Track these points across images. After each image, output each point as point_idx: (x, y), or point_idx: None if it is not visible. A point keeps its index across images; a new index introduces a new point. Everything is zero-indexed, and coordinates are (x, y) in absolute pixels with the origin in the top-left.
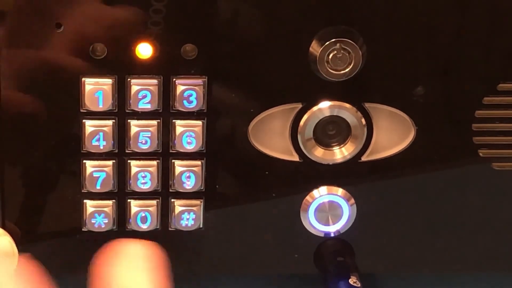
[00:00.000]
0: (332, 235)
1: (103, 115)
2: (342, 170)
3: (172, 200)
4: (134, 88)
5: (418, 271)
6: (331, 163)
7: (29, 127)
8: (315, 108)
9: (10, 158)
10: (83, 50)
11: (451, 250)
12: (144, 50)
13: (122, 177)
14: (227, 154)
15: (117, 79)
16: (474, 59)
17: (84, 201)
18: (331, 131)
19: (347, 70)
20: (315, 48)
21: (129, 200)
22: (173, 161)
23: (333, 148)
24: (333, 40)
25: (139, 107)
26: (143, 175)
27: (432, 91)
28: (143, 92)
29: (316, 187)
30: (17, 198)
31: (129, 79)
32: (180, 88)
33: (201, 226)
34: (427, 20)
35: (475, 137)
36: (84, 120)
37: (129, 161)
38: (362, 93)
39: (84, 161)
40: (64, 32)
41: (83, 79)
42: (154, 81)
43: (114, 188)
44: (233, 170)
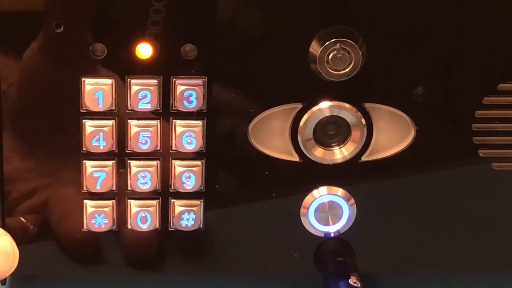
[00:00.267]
0: (332, 235)
1: (103, 115)
2: (342, 170)
3: (172, 200)
4: (134, 88)
5: (418, 271)
6: (331, 163)
7: (29, 127)
8: (315, 108)
9: (10, 158)
10: (83, 50)
11: (451, 250)
12: (144, 50)
13: (122, 177)
14: (227, 154)
15: (117, 79)
16: (474, 59)
17: (84, 201)
18: (331, 131)
19: (347, 70)
20: (315, 48)
21: (129, 200)
22: (173, 161)
23: (333, 148)
24: (333, 40)
25: (139, 107)
26: (143, 175)
27: (432, 91)
28: (143, 92)
29: (316, 187)
30: (17, 198)
31: (129, 79)
32: (180, 88)
33: (201, 226)
34: (427, 20)
35: (475, 137)
36: (84, 120)
37: (129, 161)
38: (362, 93)
39: (84, 161)
40: (64, 32)
41: (83, 79)
42: (154, 81)
43: (114, 188)
44: (233, 170)
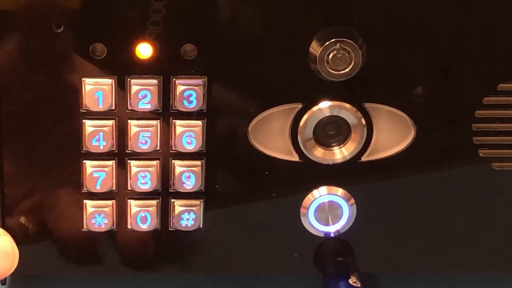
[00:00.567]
0: (332, 235)
1: (103, 115)
2: (342, 170)
3: (172, 200)
4: (134, 88)
5: (418, 271)
6: (331, 163)
7: (29, 126)
8: (315, 108)
9: (10, 157)
10: (83, 50)
11: (451, 250)
12: (144, 50)
13: (122, 177)
14: (227, 154)
15: (117, 79)
16: (474, 59)
17: (84, 201)
18: (331, 131)
19: (347, 70)
20: (315, 48)
21: (129, 200)
22: (173, 161)
23: (333, 148)
24: (333, 40)
25: (139, 107)
26: (143, 175)
27: (432, 91)
28: (143, 92)
29: (316, 187)
30: (17, 198)
31: (129, 79)
32: (180, 88)
33: (201, 226)
34: (427, 21)
35: (475, 137)
36: (84, 120)
37: (129, 161)
38: (362, 93)
39: (84, 161)
40: (64, 32)
41: (83, 79)
42: (154, 81)
43: (114, 188)
44: (233, 170)
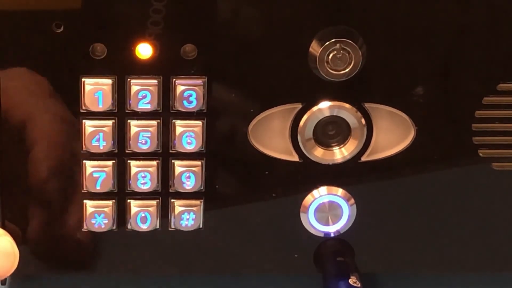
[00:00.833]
0: (332, 235)
1: (103, 115)
2: (342, 170)
3: (172, 200)
4: (134, 88)
5: (418, 271)
6: (331, 163)
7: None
8: (315, 108)
9: (9, 158)
10: (83, 50)
11: (451, 250)
12: (144, 50)
13: (122, 177)
14: (227, 154)
15: (117, 79)
16: (474, 59)
17: (84, 201)
18: (331, 131)
19: (347, 70)
20: (315, 48)
21: (129, 200)
22: (173, 161)
23: (333, 148)
24: (333, 40)
25: (139, 107)
26: (143, 175)
27: (432, 91)
28: (143, 92)
29: (316, 187)
30: (17, 198)
31: (129, 79)
32: (180, 88)
33: (201, 226)
34: (427, 20)
35: (475, 137)
36: (84, 120)
37: (129, 161)
38: (362, 93)
39: (84, 161)
40: (64, 32)
41: (83, 79)
42: (154, 81)
43: (114, 188)
44: (233, 170)
